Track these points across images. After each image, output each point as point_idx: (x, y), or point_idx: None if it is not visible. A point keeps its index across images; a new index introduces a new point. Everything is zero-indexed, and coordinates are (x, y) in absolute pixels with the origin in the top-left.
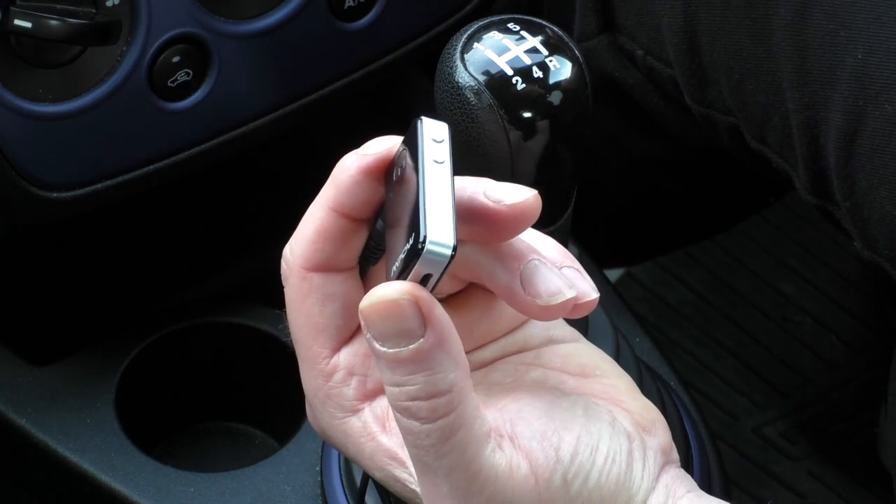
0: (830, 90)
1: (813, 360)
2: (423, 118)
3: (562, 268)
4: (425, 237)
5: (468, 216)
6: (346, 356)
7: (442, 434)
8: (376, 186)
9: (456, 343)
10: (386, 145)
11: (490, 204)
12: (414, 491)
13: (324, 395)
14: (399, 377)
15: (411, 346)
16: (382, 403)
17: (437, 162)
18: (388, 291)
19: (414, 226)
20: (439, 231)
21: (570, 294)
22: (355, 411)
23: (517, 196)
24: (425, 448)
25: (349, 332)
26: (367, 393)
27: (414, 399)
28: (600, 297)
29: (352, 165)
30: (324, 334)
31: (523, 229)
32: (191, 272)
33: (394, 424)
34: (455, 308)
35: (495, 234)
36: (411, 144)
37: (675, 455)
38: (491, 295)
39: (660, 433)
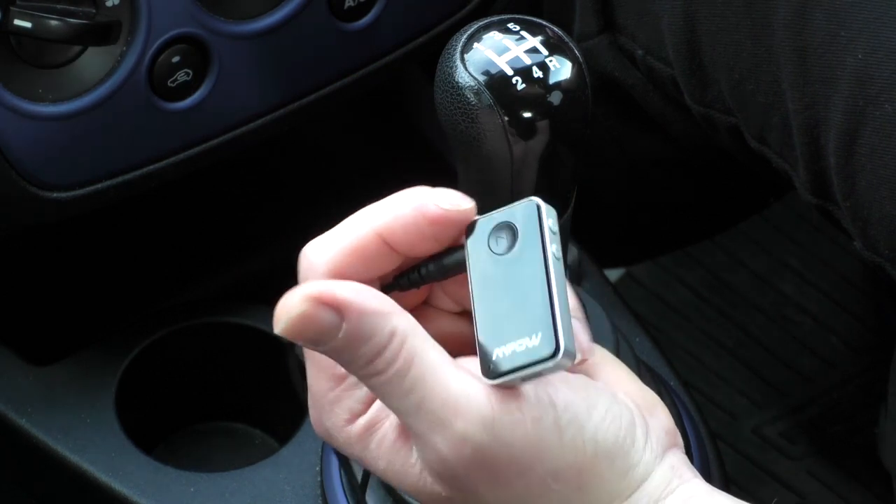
0: (830, 90)
1: (813, 360)
2: (540, 202)
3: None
4: (562, 349)
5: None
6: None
7: (398, 373)
8: (433, 233)
9: (375, 299)
10: (463, 205)
11: None
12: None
13: (333, 397)
14: (347, 357)
15: (340, 335)
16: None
17: (556, 258)
18: (290, 309)
19: (542, 327)
20: (570, 342)
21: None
22: (363, 413)
23: None
24: (397, 397)
25: None
26: (370, 397)
27: (368, 363)
28: (600, 297)
29: (419, 208)
30: None
31: None
32: (191, 272)
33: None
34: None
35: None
36: (526, 224)
37: (680, 440)
38: None
39: (662, 416)
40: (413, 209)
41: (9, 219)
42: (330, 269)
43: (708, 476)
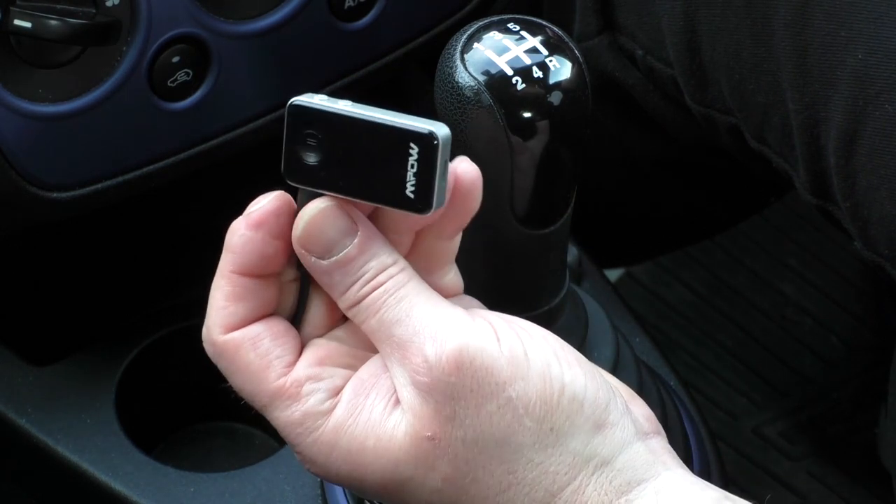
0: (831, 90)
1: (813, 360)
2: (292, 102)
3: None
4: (433, 132)
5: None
6: (302, 368)
7: (396, 284)
8: (269, 240)
9: (380, 234)
10: (265, 199)
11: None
12: None
13: (300, 416)
14: (353, 276)
15: (356, 241)
16: (357, 385)
17: (348, 105)
18: (311, 208)
19: (407, 141)
20: (431, 122)
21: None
22: (334, 406)
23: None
24: (389, 306)
25: (293, 354)
26: (338, 387)
27: (370, 281)
28: (600, 297)
29: (240, 226)
30: (270, 368)
31: (469, 215)
32: (191, 272)
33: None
34: None
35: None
36: (307, 123)
37: (662, 430)
38: None
39: (642, 405)
40: (239, 229)
41: (9, 219)
42: (221, 329)
43: (708, 476)
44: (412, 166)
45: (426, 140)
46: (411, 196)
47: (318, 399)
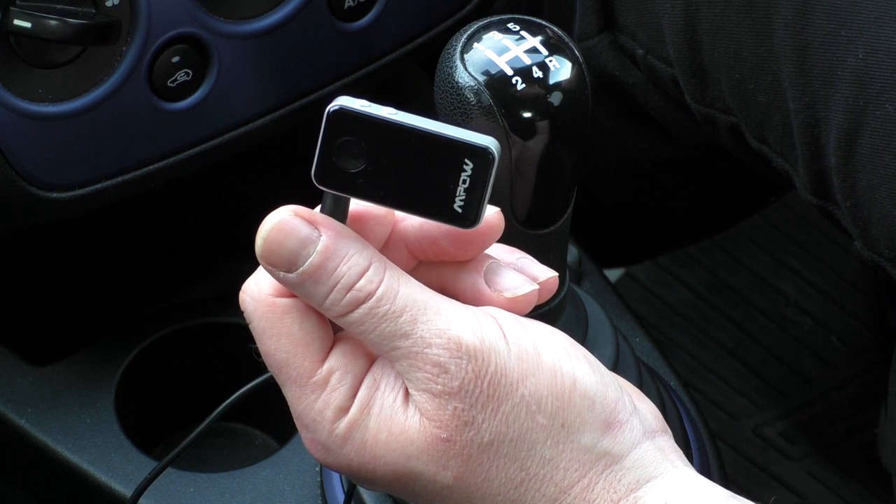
0: (831, 90)
1: (813, 360)
2: (336, 105)
3: (518, 259)
4: (489, 146)
5: (437, 238)
6: (335, 359)
7: (387, 295)
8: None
9: (354, 233)
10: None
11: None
12: None
13: (321, 405)
14: (326, 284)
15: (319, 247)
16: (370, 379)
17: (396, 113)
18: (268, 223)
19: (460, 154)
20: (484, 137)
21: (530, 287)
22: (350, 406)
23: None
24: (389, 320)
25: (331, 339)
26: (359, 383)
27: (349, 288)
28: (600, 297)
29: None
30: (311, 347)
31: (490, 245)
32: (191, 272)
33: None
34: None
35: (463, 252)
36: (354, 129)
37: (668, 428)
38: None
39: (649, 403)
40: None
41: (9, 219)
42: (274, 291)
43: (708, 476)
44: (464, 181)
45: (483, 155)
46: (459, 210)
47: (343, 395)
